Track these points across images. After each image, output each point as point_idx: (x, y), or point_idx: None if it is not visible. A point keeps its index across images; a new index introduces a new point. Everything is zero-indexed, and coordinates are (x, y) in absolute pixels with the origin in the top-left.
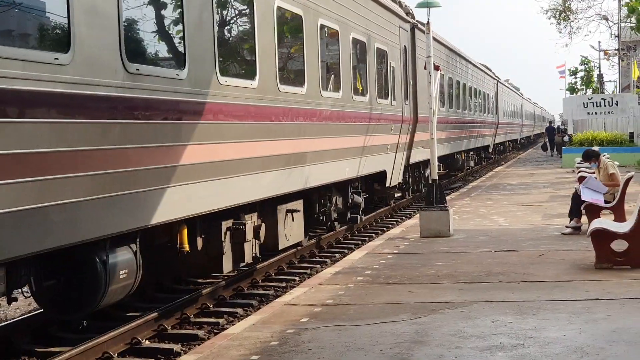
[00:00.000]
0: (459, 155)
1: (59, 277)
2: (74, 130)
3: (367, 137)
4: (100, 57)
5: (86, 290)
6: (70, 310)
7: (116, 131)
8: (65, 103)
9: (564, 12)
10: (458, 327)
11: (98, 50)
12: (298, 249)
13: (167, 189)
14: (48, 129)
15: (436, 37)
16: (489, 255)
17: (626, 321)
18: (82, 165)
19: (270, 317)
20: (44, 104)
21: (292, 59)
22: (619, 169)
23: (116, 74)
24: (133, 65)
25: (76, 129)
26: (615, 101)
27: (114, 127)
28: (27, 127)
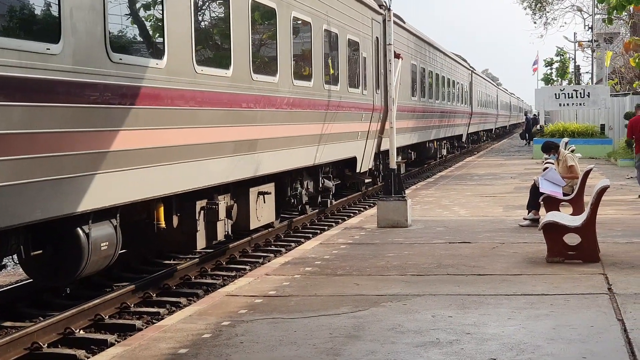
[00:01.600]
0: (431, 143)
1: (45, 247)
2: (64, 114)
3: (337, 124)
4: (87, 48)
5: (70, 260)
6: (55, 277)
7: (100, 115)
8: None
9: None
10: (397, 321)
11: (85, 42)
12: (269, 230)
13: (146, 168)
14: (45, 111)
15: (407, 27)
16: (443, 247)
17: (568, 318)
18: (68, 146)
19: (208, 307)
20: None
21: (265, 49)
22: (588, 160)
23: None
24: (117, 55)
25: (65, 112)
26: (587, 93)
27: (99, 111)
28: (25, 110)
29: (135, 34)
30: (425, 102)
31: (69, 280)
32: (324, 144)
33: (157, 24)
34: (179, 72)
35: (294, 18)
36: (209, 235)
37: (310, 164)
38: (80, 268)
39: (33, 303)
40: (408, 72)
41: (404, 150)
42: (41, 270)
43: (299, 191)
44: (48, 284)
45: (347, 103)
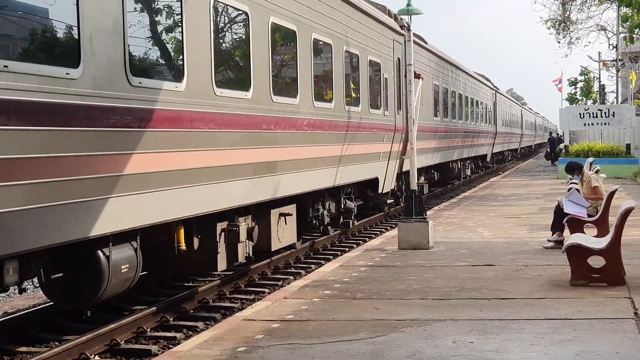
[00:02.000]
0: (455, 163)
1: (66, 270)
2: (84, 137)
3: (359, 145)
4: (106, 72)
5: (91, 283)
6: (76, 300)
7: (120, 138)
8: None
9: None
10: (417, 348)
11: (105, 66)
12: (289, 252)
13: (166, 191)
14: (65, 135)
15: (428, 48)
16: (465, 270)
17: (592, 343)
18: (88, 169)
19: (225, 332)
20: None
21: (285, 71)
22: (613, 180)
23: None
24: (136, 79)
25: (86, 136)
26: (612, 112)
27: (119, 134)
28: (45, 134)
29: (155, 58)
30: (448, 122)
31: (90, 303)
32: (346, 165)
33: (177, 47)
34: (198, 94)
35: (315, 40)
36: (229, 257)
37: (332, 185)
38: (101, 291)
39: (48, 327)
40: (430, 93)
41: (427, 170)
42: (62, 294)
43: (321, 212)
44: (69, 307)
45: (368, 124)
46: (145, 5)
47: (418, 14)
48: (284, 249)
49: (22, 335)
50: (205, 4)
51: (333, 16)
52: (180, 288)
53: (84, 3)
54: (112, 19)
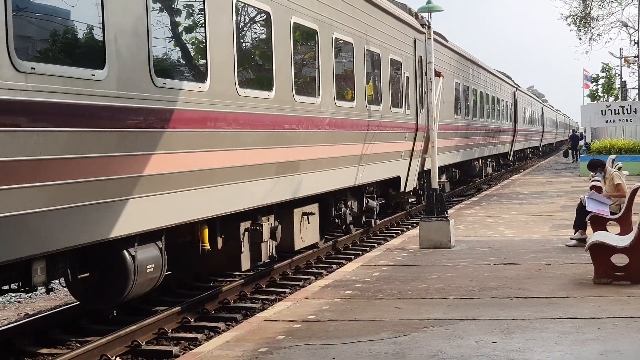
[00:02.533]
0: (476, 161)
1: (93, 269)
2: (109, 138)
3: (380, 144)
4: (131, 73)
5: (117, 282)
6: (102, 300)
7: (145, 139)
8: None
9: (585, 18)
10: (439, 348)
11: (129, 67)
12: (311, 252)
13: (190, 191)
14: (91, 136)
15: (449, 46)
16: (487, 269)
17: (617, 343)
18: (114, 169)
19: (246, 333)
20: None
21: (307, 70)
22: (636, 177)
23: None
24: (160, 79)
25: (111, 137)
26: (634, 109)
27: (144, 135)
28: (71, 136)
29: (179, 58)
30: (469, 120)
31: (116, 302)
32: (367, 164)
33: (200, 48)
34: (221, 95)
35: (336, 39)
36: (253, 257)
37: (353, 184)
38: (126, 290)
39: (70, 329)
40: (451, 91)
41: (449, 169)
42: (88, 293)
43: (343, 211)
44: (95, 306)
45: (389, 122)
46: (168, 5)
47: (439, 11)
48: (307, 249)
49: (43, 337)
50: (227, 4)
51: (354, 15)
52: (202, 289)
53: (108, 4)
54: (135, 19)
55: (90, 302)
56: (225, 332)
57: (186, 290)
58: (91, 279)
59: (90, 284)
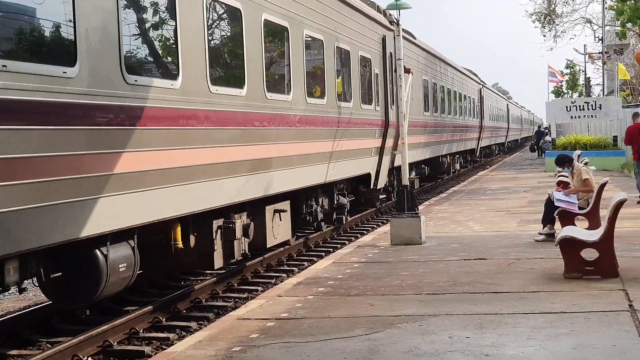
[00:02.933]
0: (444, 158)
1: (65, 269)
2: (81, 136)
3: (351, 141)
4: (102, 70)
5: (89, 281)
6: (74, 299)
7: (117, 137)
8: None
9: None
10: (413, 344)
11: (101, 64)
12: (282, 250)
13: (163, 189)
14: (63, 134)
15: (418, 43)
16: (458, 264)
17: (589, 337)
18: (86, 168)
19: (219, 332)
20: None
21: (278, 68)
22: (601, 173)
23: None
24: (132, 77)
25: (82, 135)
26: (599, 105)
27: (115, 133)
28: (43, 134)
29: (150, 55)
30: (438, 117)
31: (88, 302)
32: (338, 161)
33: (171, 45)
34: (193, 92)
35: (306, 36)
36: (226, 255)
37: (325, 181)
38: (99, 290)
39: (40, 329)
40: (420, 88)
41: (418, 165)
42: (60, 293)
43: (314, 208)
44: (67, 306)
45: (360, 119)
46: (139, 2)
47: (407, 9)
48: (278, 246)
49: (13, 338)
50: (198, 1)
51: (324, 12)
52: (173, 288)
53: (80, 1)
54: (107, 16)
55: (62, 301)
56: (198, 332)
57: (157, 289)
58: (63, 278)
59: (62, 283)
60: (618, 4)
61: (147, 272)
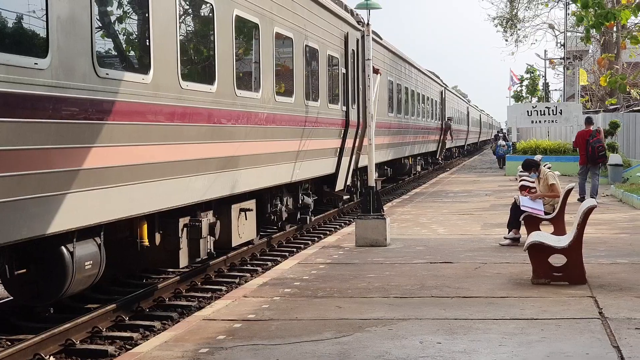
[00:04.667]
0: (407, 160)
1: (29, 265)
2: (51, 129)
3: (317, 140)
4: (74, 63)
5: (54, 279)
6: (39, 297)
7: (86, 131)
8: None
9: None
10: (384, 348)
11: (72, 56)
12: (246, 249)
13: (131, 185)
14: (32, 127)
15: (384, 44)
16: (424, 267)
17: (561, 345)
18: (54, 162)
19: (185, 333)
20: None
21: (248, 65)
22: (561, 178)
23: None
24: (103, 70)
25: (52, 128)
26: (560, 110)
27: (85, 127)
28: (12, 126)
29: (122, 49)
30: (401, 118)
31: (53, 299)
32: (304, 161)
33: (143, 39)
34: (164, 87)
35: (276, 33)
36: (191, 253)
37: (291, 180)
38: (64, 287)
39: (0, 327)
40: (385, 88)
41: (381, 166)
42: (24, 290)
43: (279, 208)
44: (31, 303)
45: (326, 119)
46: None
47: (377, 9)
48: (243, 245)
49: None
50: None
51: (294, 10)
52: (135, 286)
53: None
54: (80, 8)
55: (27, 299)
56: (164, 332)
57: (120, 287)
58: (28, 275)
59: (27, 280)
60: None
61: (110, 270)
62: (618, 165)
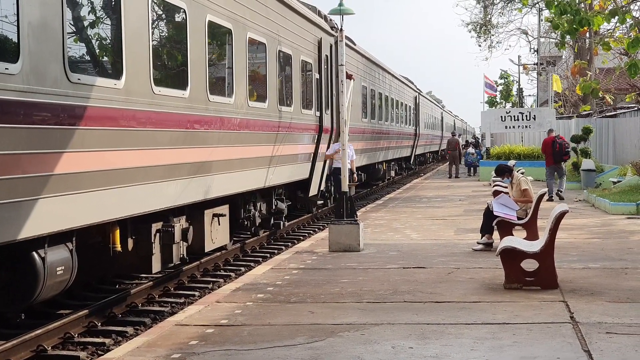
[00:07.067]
0: (381, 165)
1: (0, 271)
2: (22, 135)
3: (290, 145)
4: (45, 68)
5: (25, 285)
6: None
7: (58, 136)
8: None
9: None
10: (356, 353)
11: (44, 61)
12: (219, 254)
13: (103, 191)
14: (2, 132)
15: (357, 49)
16: (397, 272)
17: (533, 349)
18: (25, 168)
19: (157, 338)
20: None
21: (221, 70)
22: (534, 183)
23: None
24: (75, 75)
25: (22, 133)
26: (533, 115)
27: (56, 132)
28: None
29: (94, 54)
30: (375, 124)
31: (24, 305)
32: (277, 166)
33: (116, 44)
34: (137, 92)
35: (249, 39)
36: (164, 258)
37: (264, 185)
38: (35, 293)
39: None
40: (359, 94)
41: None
42: None
43: (253, 213)
44: (2, 309)
45: (300, 124)
46: (84, 0)
47: (350, 14)
48: (216, 250)
49: None
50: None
51: (267, 15)
52: (108, 291)
53: None
54: (51, 12)
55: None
56: (136, 337)
57: (92, 293)
58: None
59: None
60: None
61: (80, 276)
62: (591, 170)
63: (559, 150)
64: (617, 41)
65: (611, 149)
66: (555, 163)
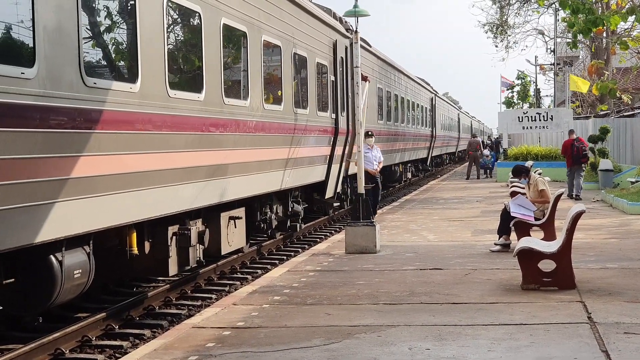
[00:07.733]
0: (397, 167)
1: (18, 275)
2: (38, 139)
3: (306, 148)
4: (61, 72)
5: (43, 288)
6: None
7: (74, 140)
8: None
9: (501, 26)
10: (373, 355)
11: (60, 66)
12: (236, 257)
13: (119, 194)
14: (19, 137)
15: (373, 51)
16: (414, 274)
17: (550, 349)
18: (42, 172)
19: (175, 341)
20: None
21: (236, 73)
22: (552, 183)
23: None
24: (91, 79)
25: (39, 137)
26: (550, 116)
27: (73, 136)
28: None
29: (110, 58)
30: (391, 126)
31: (42, 308)
32: (293, 168)
33: (131, 48)
34: (152, 96)
35: (264, 41)
36: (180, 261)
37: (280, 188)
38: (53, 297)
39: None
40: (374, 96)
41: None
42: (13, 300)
43: (269, 215)
44: (19, 313)
45: (315, 127)
46: (99, 4)
47: (365, 16)
48: (232, 253)
49: None
50: (158, 3)
51: (282, 18)
52: (125, 294)
53: (39, 1)
54: (67, 17)
55: (15, 308)
56: (153, 340)
57: (109, 296)
58: (17, 284)
59: (15, 289)
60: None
61: (98, 279)
62: (608, 170)
63: (576, 154)
64: (635, 40)
65: (629, 148)
66: (574, 165)
